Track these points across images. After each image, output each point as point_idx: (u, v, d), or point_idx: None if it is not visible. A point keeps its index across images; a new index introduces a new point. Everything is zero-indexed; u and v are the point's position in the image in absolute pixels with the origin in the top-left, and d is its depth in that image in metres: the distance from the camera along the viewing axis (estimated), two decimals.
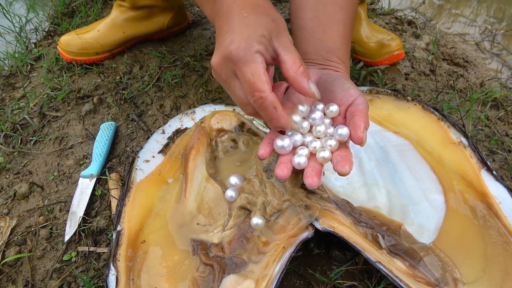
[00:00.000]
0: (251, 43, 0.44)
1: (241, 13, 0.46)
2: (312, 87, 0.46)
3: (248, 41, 0.44)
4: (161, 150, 0.68)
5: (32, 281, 0.58)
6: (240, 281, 0.50)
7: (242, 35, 0.44)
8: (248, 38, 0.44)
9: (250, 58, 0.43)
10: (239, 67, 0.44)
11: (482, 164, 0.61)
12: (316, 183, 0.46)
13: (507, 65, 1.06)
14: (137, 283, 0.51)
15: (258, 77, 0.43)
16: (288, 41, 0.47)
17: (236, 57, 0.43)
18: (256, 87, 0.43)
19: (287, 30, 0.48)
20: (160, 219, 0.58)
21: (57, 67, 0.96)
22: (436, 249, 0.53)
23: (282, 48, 0.46)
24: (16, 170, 0.74)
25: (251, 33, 0.44)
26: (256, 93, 0.44)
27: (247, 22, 0.45)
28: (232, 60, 0.44)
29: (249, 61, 0.43)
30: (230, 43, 0.44)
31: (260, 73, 0.43)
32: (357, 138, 0.46)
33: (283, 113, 0.45)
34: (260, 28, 0.45)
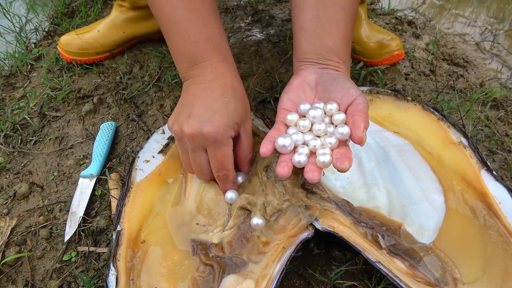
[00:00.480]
0: (228, 130, 0.52)
1: (223, 97, 0.53)
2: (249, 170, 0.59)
3: (227, 128, 0.51)
4: (161, 150, 0.68)
5: (32, 281, 0.58)
6: (240, 281, 0.50)
7: (222, 120, 0.51)
8: (227, 125, 0.51)
9: (225, 142, 0.52)
10: (213, 147, 0.52)
11: (482, 164, 0.61)
12: (316, 177, 0.46)
13: (507, 65, 1.07)
14: (137, 283, 0.51)
15: (227, 159, 0.53)
16: (249, 127, 0.57)
17: (214, 139, 0.51)
18: (224, 166, 0.53)
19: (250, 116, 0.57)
20: (160, 219, 0.58)
21: (57, 67, 0.96)
22: (436, 249, 0.53)
23: (244, 133, 0.56)
24: (16, 170, 0.74)
25: (230, 120, 0.52)
26: (223, 170, 0.54)
27: (228, 109, 0.52)
28: (208, 139, 0.51)
29: (223, 144, 0.52)
30: (210, 124, 0.50)
31: (230, 156, 0.53)
32: (357, 137, 0.46)
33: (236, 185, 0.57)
34: (237, 116, 0.53)
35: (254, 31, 1.08)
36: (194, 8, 0.55)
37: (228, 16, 1.16)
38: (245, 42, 1.03)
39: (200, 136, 0.51)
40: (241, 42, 1.03)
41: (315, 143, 0.50)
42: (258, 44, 1.02)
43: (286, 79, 0.89)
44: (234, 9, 1.18)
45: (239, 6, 1.20)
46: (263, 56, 0.97)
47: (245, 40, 1.04)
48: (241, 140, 0.56)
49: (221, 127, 0.51)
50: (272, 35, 1.06)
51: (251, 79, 0.89)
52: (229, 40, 1.03)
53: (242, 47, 1.01)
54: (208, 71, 0.55)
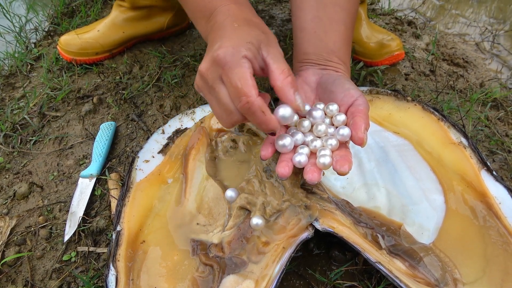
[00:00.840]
0: (239, 49, 0.44)
1: (233, 25, 0.48)
2: (298, 99, 0.46)
3: (236, 46, 0.44)
4: (161, 150, 0.68)
5: (31, 281, 0.58)
6: (240, 281, 0.50)
7: (231, 41, 0.44)
8: (236, 44, 0.44)
9: (237, 62, 0.43)
10: (226, 71, 0.44)
11: (482, 164, 0.61)
12: (316, 178, 0.46)
13: (507, 65, 1.07)
14: (137, 283, 0.51)
15: (245, 82, 0.43)
16: (278, 52, 0.47)
17: (223, 61, 0.43)
18: (243, 92, 0.43)
19: (278, 44, 0.49)
20: (160, 219, 0.58)
21: (57, 67, 0.96)
22: (436, 250, 0.53)
23: (271, 57, 0.46)
24: (16, 170, 0.74)
25: (241, 39, 0.45)
26: (243, 97, 0.43)
27: (237, 31, 0.46)
28: (220, 64, 0.44)
29: (236, 65, 0.43)
30: (219, 48, 0.44)
31: (247, 78, 0.43)
32: (357, 138, 0.46)
33: (272, 116, 0.45)
34: (250, 37, 0.46)
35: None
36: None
37: None
38: None
39: (212, 65, 0.45)
40: None
41: (316, 143, 0.50)
42: None
43: None
44: None
45: None
46: None
47: None
48: (270, 66, 0.46)
49: (230, 46, 0.44)
50: None
51: None
52: None
53: None
54: (220, 15, 0.51)
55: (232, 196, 0.56)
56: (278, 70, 0.45)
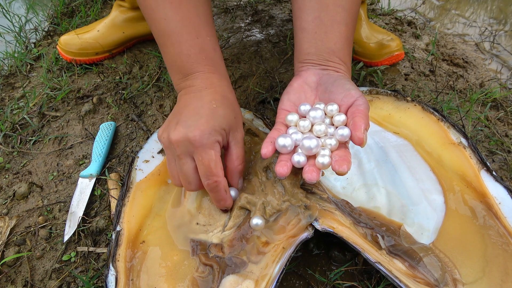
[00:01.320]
0: (214, 134, 0.50)
1: (211, 104, 0.52)
2: (240, 183, 0.56)
3: (212, 131, 0.50)
4: (161, 150, 0.68)
5: (31, 281, 0.58)
6: (240, 281, 0.50)
7: (208, 125, 0.50)
8: (213, 129, 0.50)
9: (211, 145, 0.50)
10: (199, 152, 0.49)
11: (482, 164, 0.61)
12: (314, 177, 0.46)
13: (506, 65, 1.07)
14: (137, 283, 0.51)
15: (215, 163, 0.50)
16: (241, 137, 0.55)
17: (199, 142, 0.49)
18: (214, 172, 0.50)
19: (242, 124, 0.56)
20: (160, 219, 0.58)
21: (56, 67, 0.96)
22: (436, 250, 0.53)
23: (234, 142, 0.54)
24: (16, 170, 0.74)
25: (216, 125, 0.51)
26: (212, 177, 0.50)
27: (215, 114, 0.51)
28: (194, 144, 0.49)
29: (210, 148, 0.49)
30: (196, 127, 0.49)
31: (218, 160, 0.50)
32: (357, 139, 0.46)
33: (229, 196, 0.54)
34: (224, 122, 0.52)
35: (254, 31, 1.08)
36: (187, 21, 0.55)
37: (228, 16, 1.15)
38: (245, 42, 1.03)
39: (186, 141, 0.49)
40: (241, 42, 1.03)
41: None
42: (258, 44, 1.02)
43: (286, 79, 0.89)
44: (234, 9, 1.18)
45: (239, 6, 1.20)
46: (263, 56, 0.97)
47: (245, 40, 1.04)
48: (230, 150, 0.54)
49: (206, 130, 0.49)
50: (272, 35, 1.06)
51: (251, 79, 0.89)
52: (228, 40, 1.03)
53: (242, 47, 1.01)
54: (198, 81, 0.55)
55: (232, 195, 0.56)
56: (235, 156, 0.54)
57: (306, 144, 0.48)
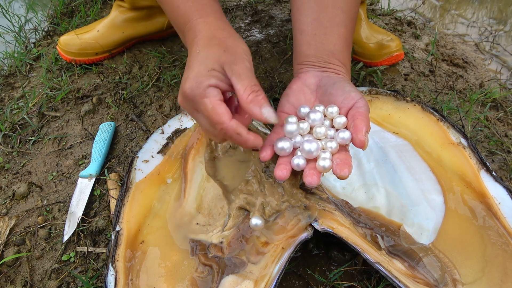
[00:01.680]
0: (202, 80, 0.46)
1: (195, 50, 0.49)
2: (265, 113, 0.45)
3: (199, 78, 0.46)
4: (160, 150, 0.68)
5: (30, 281, 0.58)
6: (239, 281, 0.50)
7: (193, 73, 0.46)
8: (198, 75, 0.46)
9: (203, 94, 0.45)
10: (196, 104, 0.46)
11: (482, 164, 0.61)
12: (315, 181, 0.46)
13: (506, 66, 1.07)
14: (136, 283, 0.51)
15: (214, 111, 0.45)
16: (242, 68, 0.47)
17: (191, 96, 0.46)
18: (216, 120, 0.45)
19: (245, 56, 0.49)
20: (159, 219, 0.58)
21: (56, 67, 0.96)
22: (435, 250, 0.53)
23: (234, 76, 0.46)
24: (15, 170, 0.74)
25: (202, 69, 0.46)
26: (216, 126, 0.45)
27: (198, 59, 0.48)
28: (189, 99, 0.47)
29: (202, 96, 0.45)
30: (184, 82, 0.47)
31: (216, 106, 0.45)
32: (359, 141, 0.46)
33: (249, 135, 0.46)
34: (210, 62, 0.47)
35: (253, 32, 1.08)
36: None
37: (227, 16, 1.15)
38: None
39: (184, 99, 0.48)
40: None
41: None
42: (258, 44, 1.02)
43: (285, 80, 0.89)
44: (234, 9, 1.18)
45: (238, 6, 1.20)
46: (262, 56, 0.97)
47: (244, 41, 1.04)
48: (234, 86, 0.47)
49: (193, 80, 0.46)
50: (271, 35, 1.06)
51: None
52: None
53: None
54: (189, 34, 0.53)
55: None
56: (241, 89, 0.46)
57: (306, 147, 0.48)
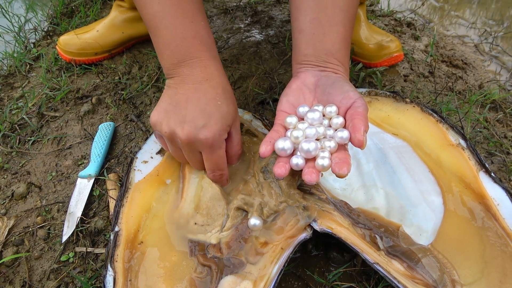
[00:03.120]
0: (223, 134, 0.54)
1: (215, 100, 0.54)
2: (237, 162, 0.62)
3: (221, 132, 0.53)
4: (160, 151, 0.68)
5: (29, 282, 0.58)
6: (238, 282, 0.50)
7: (217, 125, 0.52)
8: (222, 129, 0.53)
9: (221, 145, 0.54)
10: (208, 151, 0.54)
11: (481, 166, 0.61)
12: (314, 179, 0.46)
13: (505, 67, 1.07)
14: (135, 284, 0.51)
15: (222, 160, 0.55)
16: (238, 124, 0.59)
17: (211, 143, 0.52)
18: (220, 167, 0.56)
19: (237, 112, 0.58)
20: (158, 220, 0.58)
21: (56, 67, 0.96)
22: (434, 251, 0.53)
23: (234, 131, 0.57)
24: (14, 170, 0.74)
25: (224, 123, 0.53)
26: (218, 171, 0.56)
27: (221, 112, 0.53)
28: (205, 145, 0.53)
29: (219, 147, 0.54)
30: (206, 130, 0.52)
31: (224, 157, 0.56)
32: (357, 141, 0.46)
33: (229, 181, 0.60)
34: (229, 119, 0.55)
35: (253, 32, 1.08)
36: (181, 5, 0.55)
37: (227, 17, 1.16)
38: (244, 43, 1.03)
39: (196, 142, 0.53)
40: (240, 43, 1.03)
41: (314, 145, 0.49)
42: (257, 45, 1.02)
43: (285, 80, 0.89)
44: (234, 10, 1.18)
45: (238, 7, 1.20)
46: (262, 57, 0.97)
47: (244, 41, 1.04)
48: (232, 139, 0.57)
49: (217, 132, 0.52)
50: (271, 36, 1.06)
51: (250, 80, 0.89)
52: (228, 41, 1.04)
53: (241, 48, 1.01)
54: (197, 70, 0.55)
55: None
56: (236, 142, 0.58)
57: (305, 147, 0.48)
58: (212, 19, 1.15)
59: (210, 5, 1.22)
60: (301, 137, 0.50)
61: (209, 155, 0.54)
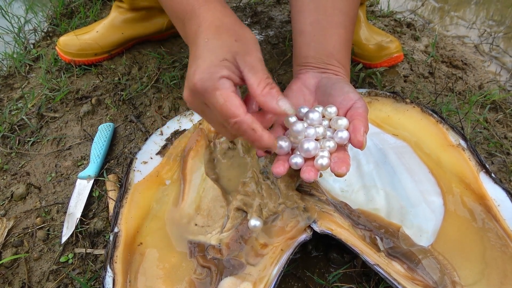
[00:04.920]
0: (214, 71, 0.42)
1: (203, 39, 0.45)
2: (282, 105, 0.43)
3: (211, 69, 0.42)
4: (159, 151, 0.67)
5: (28, 283, 0.58)
6: (238, 283, 0.50)
7: (205, 63, 0.43)
8: (211, 66, 0.42)
9: (216, 86, 0.42)
10: (207, 98, 0.43)
11: (481, 166, 0.61)
12: (312, 177, 0.46)
13: (505, 67, 1.07)
14: (134, 285, 0.51)
15: (229, 103, 0.41)
16: (255, 60, 0.44)
17: (202, 88, 0.42)
18: (229, 113, 0.41)
19: (256, 46, 0.46)
20: (158, 220, 0.58)
21: (55, 68, 0.96)
22: (435, 252, 0.53)
23: (247, 69, 0.43)
24: (14, 171, 0.74)
25: (213, 59, 0.43)
26: (230, 119, 0.42)
27: (209, 48, 0.44)
28: (199, 92, 0.43)
29: (215, 89, 0.42)
30: (193, 74, 0.43)
31: (230, 98, 0.42)
32: (357, 141, 0.46)
33: (264, 132, 0.43)
34: (222, 52, 0.43)
35: (253, 33, 1.08)
36: None
37: None
38: None
39: (192, 93, 0.44)
40: None
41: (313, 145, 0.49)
42: None
43: (285, 81, 0.89)
44: (233, 10, 1.18)
45: (238, 8, 1.20)
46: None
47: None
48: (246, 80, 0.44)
49: (205, 70, 0.42)
50: (271, 36, 1.06)
51: None
52: None
53: None
54: (192, 23, 0.48)
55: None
56: (255, 83, 0.43)
57: (304, 146, 0.48)
58: None
59: None
60: (301, 136, 0.49)
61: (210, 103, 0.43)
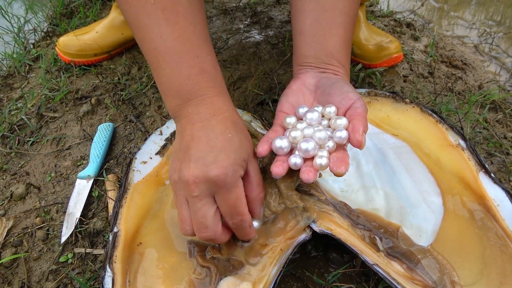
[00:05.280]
0: (237, 169, 0.46)
1: (226, 133, 0.47)
2: (261, 212, 0.53)
3: (235, 167, 0.45)
4: (159, 151, 0.67)
5: (28, 283, 0.58)
6: (237, 283, 0.50)
7: (230, 160, 0.45)
8: (235, 163, 0.45)
9: (235, 183, 0.45)
10: (223, 192, 0.45)
11: (480, 166, 0.61)
12: (312, 177, 0.46)
13: (505, 67, 1.07)
14: (134, 285, 0.51)
15: (241, 201, 0.46)
16: (256, 164, 0.51)
17: (223, 182, 0.44)
18: (239, 211, 0.46)
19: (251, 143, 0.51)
20: (157, 220, 0.58)
21: (55, 68, 0.96)
22: (434, 252, 0.53)
23: (253, 170, 0.49)
24: (13, 171, 0.74)
25: (237, 158, 0.46)
26: (238, 216, 0.47)
27: (233, 145, 0.47)
28: (217, 184, 0.44)
29: (235, 186, 0.45)
30: (217, 165, 0.44)
31: (243, 198, 0.47)
32: (356, 141, 0.46)
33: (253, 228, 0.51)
34: (244, 153, 0.47)
35: (253, 33, 1.08)
36: (185, 39, 0.48)
37: (227, 17, 1.16)
38: (244, 43, 1.03)
39: (207, 181, 0.44)
40: (239, 43, 1.03)
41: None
42: (257, 45, 1.02)
43: (284, 81, 0.89)
44: (233, 10, 1.18)
45: (238, 8, 1.20)
46: (261, 57, 0.97)
47: (243, 42, 1.04)
48: (250, 178, 0.49)
49: (230, 167, 0.44)
50: (271, 36, 1.06)
51: (250, 81, 0.89)
52: (227, 42, 1.03)
53: (240, 49, 1.01)
54: (203, 107, 0.48)
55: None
56: (256, 183, 0.49)
57: (303, 146, 0.48)
58: (212, 20, 1.15)
59: (210, 5, 1.22)
60: (299, 136, 0.49)
61: (224, 196, 0.45)
